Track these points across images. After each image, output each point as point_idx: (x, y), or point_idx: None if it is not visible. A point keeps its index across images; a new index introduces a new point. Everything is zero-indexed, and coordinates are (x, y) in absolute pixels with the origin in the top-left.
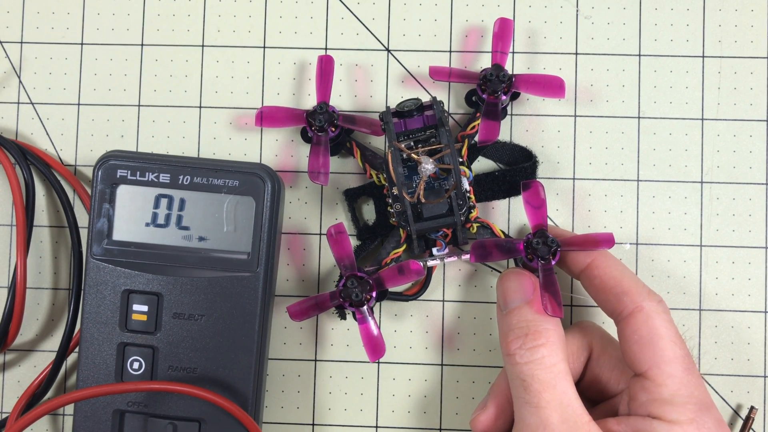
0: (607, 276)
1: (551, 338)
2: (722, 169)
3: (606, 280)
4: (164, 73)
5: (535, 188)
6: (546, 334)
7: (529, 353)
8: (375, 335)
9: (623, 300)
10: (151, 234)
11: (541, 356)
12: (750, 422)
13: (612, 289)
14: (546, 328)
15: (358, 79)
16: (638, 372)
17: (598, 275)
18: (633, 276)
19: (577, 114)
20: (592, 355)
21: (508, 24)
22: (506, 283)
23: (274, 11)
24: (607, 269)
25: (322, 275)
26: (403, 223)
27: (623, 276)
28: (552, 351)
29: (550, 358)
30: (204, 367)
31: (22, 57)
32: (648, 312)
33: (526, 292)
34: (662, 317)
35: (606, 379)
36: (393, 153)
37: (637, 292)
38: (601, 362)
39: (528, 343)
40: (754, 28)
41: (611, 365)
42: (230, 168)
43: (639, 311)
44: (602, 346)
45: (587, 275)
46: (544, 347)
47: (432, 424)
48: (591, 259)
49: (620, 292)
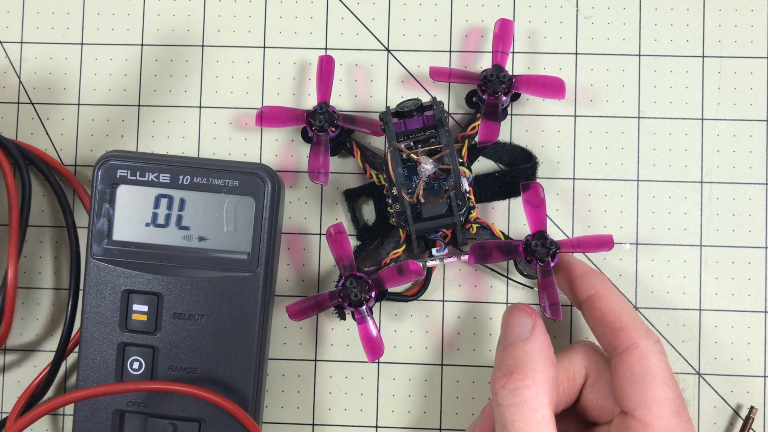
0: (607, 309)
1: (538, 380)
2: (722, 169)
3: (606, 313)
4: (164, 73)
5: (535, 189)
6: (533, 375)
7: (511, 395)
8: (374, 335)
9: (620, 335)
10: (151, 234)
11: (524, 399)
12: (750, 422)
13: (610, 323)
14: (533, 368)
15: (358, 79)
16: (626, 410)
17: (598, 307)
18: (633, 313)
19: (577, 114)
20: (587, 380)
21: (508, 24)
22: (508, 318)
23: (274, 11)
24: (608, 303)
25: (322, 275)
26: (403, 223)
27: (623, 311)
28: (536, 394)
29: (533, 402)
30: (204, 367)
31: (22, 57)
32: (643, 350)
33: (523, 329)
34: (657, 357)
35: (600, 406)
36: (393, 153)
37: (634, 329)
38: (596, 388)
39: (512, 383)
40: (754, 28)
41: (605, 393)
42: (230, 168)
43: (634, 348)
44: (599, 371)
45: (589, 306)
46: (527, 389)
47: (432, 424)
48: (594, 291)
49: (618, 327)
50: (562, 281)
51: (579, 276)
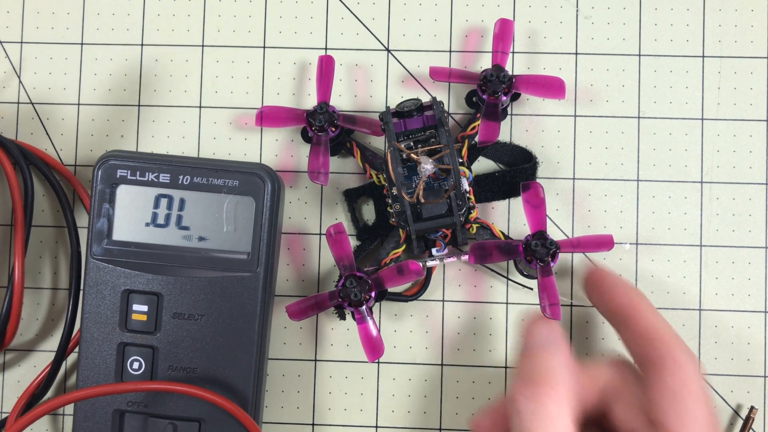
0: (646, 321)
1: (561, 390)
2: (722, 169)
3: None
4: (164, 73)
5: (535, 189)
6: (556, 386)
7: (532, 403)
8: (374, 335)
9: (658, 348)
10: (151, 234)
11: (545, 408)
12: (750, 422)
13: (648, 335)
14: (557, 379)
15: (358, 79)
16: (661, 426)
17: (635, 317)
18: (671, 327)
19: (577, 114)
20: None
21: (508, 25)
22: (532, 327)
23: (274, 11)
24: (646, 314)
25: (321, 275)
26: (403, 223)
27: (662, 324)
28: (559, 404)
29: (555, 412)
30: (204, 367)
31: (22, 57)
32: (682, 364)
33: (548, 339)
34: (696, 373)
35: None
36: (393, 153)
37: (674, 342)
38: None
39: (535, 391)
40: (754, 28)
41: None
42: (230, 168)
43: (673, 362)
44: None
45: (625, 316)
46: (550, 399)
47: (432, 424)
48: (630, 301)
49: (656, 338)
50: (592, 292)
51: (613, 285)
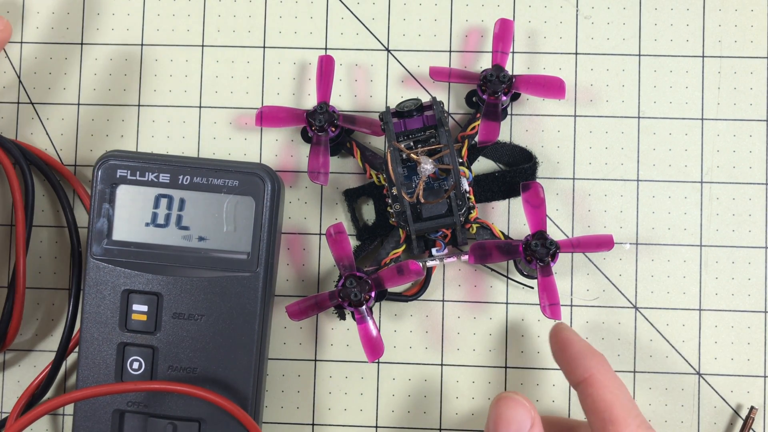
0: (599, 397)
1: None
2: (722, 169)
3: (597, 401)
4: (164, 73)
5: (535, 189)
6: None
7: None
8: (374, 335)
9: (609, 429)
10: (151, 234)
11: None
12: (750, 422)
13: (601, 413)
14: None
15: (358, 79)
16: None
17: (590, 394)
18: (627, 403)
19: (577, 114)
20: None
21: (508, 25)
22: (503, 411)
23: (274, 11)
24: (600, 389)
25: (321, 275)
26: (403, 223)
27: (615, 401)
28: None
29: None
30: (204, 367)
31: (22, 57)
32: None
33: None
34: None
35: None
36: (392, 153)
37: (625, 423)
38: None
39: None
40: (754, 28)
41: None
42: (230, 168)
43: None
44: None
45: (582, 391)
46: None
47: (432, 424)
48: (588, 375)
49: (608, 419)
50: (559, 358)
51: (575, 356)
